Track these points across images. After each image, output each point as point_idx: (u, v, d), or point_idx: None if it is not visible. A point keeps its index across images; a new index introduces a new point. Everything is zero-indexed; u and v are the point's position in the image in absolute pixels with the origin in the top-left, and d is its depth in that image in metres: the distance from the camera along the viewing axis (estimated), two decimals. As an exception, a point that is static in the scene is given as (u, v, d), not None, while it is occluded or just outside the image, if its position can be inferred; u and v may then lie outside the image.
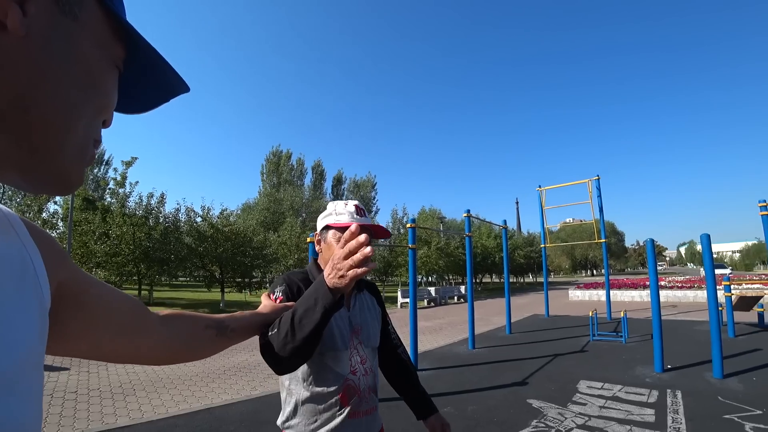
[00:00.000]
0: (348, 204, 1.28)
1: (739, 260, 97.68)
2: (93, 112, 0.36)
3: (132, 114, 0.48)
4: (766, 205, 7.70)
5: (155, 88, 0.45)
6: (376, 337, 1.35)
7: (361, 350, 1.25)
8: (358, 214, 1.26)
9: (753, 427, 3.51)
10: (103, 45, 0.36)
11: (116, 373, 5.89)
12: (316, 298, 0.92)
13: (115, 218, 12.46)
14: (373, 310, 1.38)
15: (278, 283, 1.22)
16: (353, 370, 1.20)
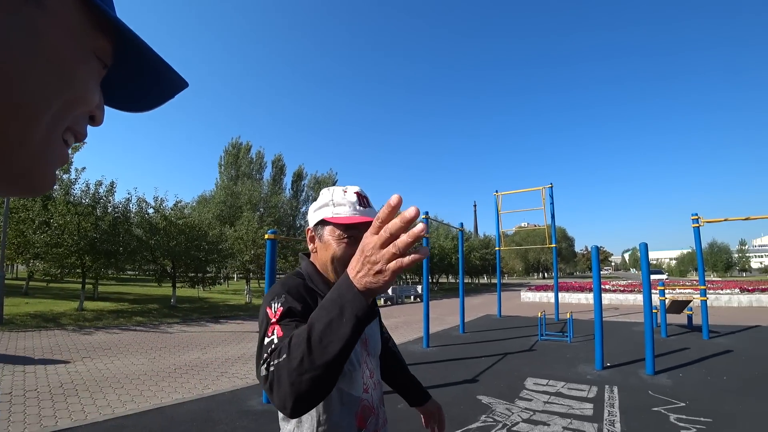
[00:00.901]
0: (348, 191, 1.05)
1: (676, 267, 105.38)
2: (62, 107, 0.33)
3: (134, 112, 0.46)
4: (697, 218, 8.44)
5: (153, 84, 0.43)
6: (379, 342, 1.19)
7: (370, 363, 1.09)
8: (362, 204, 1.04)
9: (677, 418, 3.87)
10: (78, 35, 0.33)
11: (56, 372, 5.54)
12: (342, 305, 0.65)
13: (58, 206, 11.65)
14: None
15: (275, 293, 0.94)
16: (366, 387, 1.04)
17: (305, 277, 1.04)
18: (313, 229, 1.08)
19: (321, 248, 1.05)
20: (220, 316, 12.79)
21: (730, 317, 12.31)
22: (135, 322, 10.57)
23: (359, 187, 1.08)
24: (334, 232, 1.02)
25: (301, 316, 0.87)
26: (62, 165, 0.37)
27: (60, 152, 0.35)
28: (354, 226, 1.00)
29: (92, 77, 0.36)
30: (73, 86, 0.34)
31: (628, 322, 11.48)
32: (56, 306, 12.29)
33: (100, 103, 0.39)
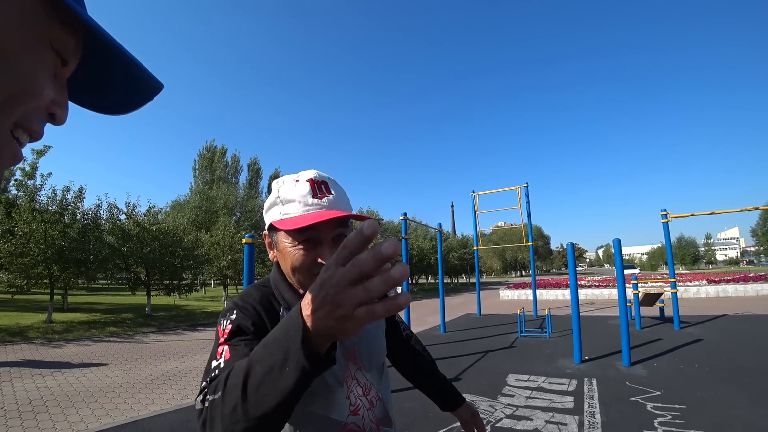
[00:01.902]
0: (299, 180, 0.83)
1: (647, 261, 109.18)
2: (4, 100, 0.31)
3: (111, 115, 0.44)
4: (666, 213, 8.76)
5: (127, 85, 0.41)
6: (381, 351, 0.98)
7: (362, 378, 0.90)
8: (317, 194, 0.82)
9: (653, 406, 4.00)
10: (26, 23, 0.31)
11: (23, 389, 5.28)
12: (287, 350, 0.51)
13: (23, 214, 11.13)
14: None
15: (228, 308, 0.82)
16: (354, 409, 0.86)
17: (271, 285, 0.89)
18: (267, 233, 0.89)
19: (280, 257, 0.86)
20: (197, 324, 12.48)
21: (699, 308, 12.83)
22: (108, 333, 10.20)
23: (315, 171, 0.86)
24: (287, 238, 0.82)
25: (254, 335, 0.75)
26: (13, 164, 0.35)
27: (9, 150, 0.33)
28: (307, 227, 0.79)
29: (42, 69, 0.33)
30: (14, 77, 0.31)
31: (603, 316, 11.80)
32: (22, 319, 11.73)
33: (60, 101, 0.36)
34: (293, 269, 0.83)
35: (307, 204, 0.80)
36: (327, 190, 0.83)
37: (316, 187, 0.82)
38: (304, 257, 0.81)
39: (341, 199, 0.84)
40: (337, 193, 0.84)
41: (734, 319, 9.83)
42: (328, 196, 0.82)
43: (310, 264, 0.81)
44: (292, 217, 0.80)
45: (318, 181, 0.83)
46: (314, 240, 0.81)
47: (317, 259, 0.80)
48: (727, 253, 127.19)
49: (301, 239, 0.81)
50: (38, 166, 12.69)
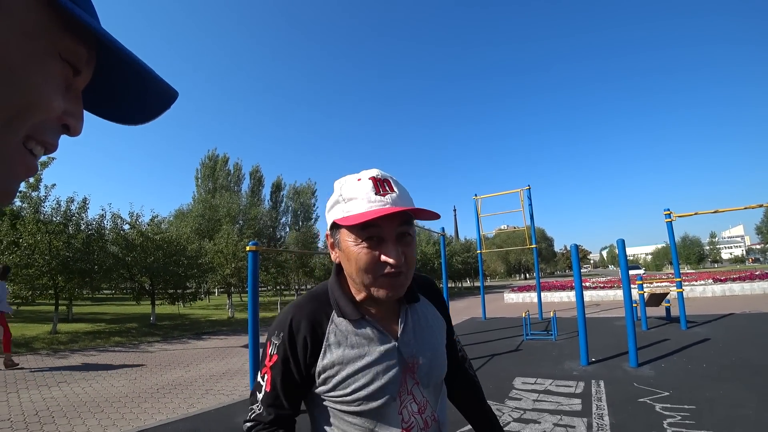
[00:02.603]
0: (362, 179, 0.82)
1: (651, 261, 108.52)
2: (10, 112, 0.30)
3: (128, 125, 0.44)
4: (669, 213, 8.73)
5: (143, 94, 0.41)
6: (442, 366, 0.93)
7: (419, 395, 0.86)
8: (379, 192, 0.80)
9: (662, 407, 3.96)
10: (34, 34, 0.30)
11: (30, 399, 5.29)
12: None
13: (27, 225, 11.19)
14: (435, 325, 0.97)
15: (278, 326, 0.87)
16: (407, 427, 0.83)
17: (329, 295, 0.90)
18: (330, 234, 0.88)
19: (342, 258, 0.85)
20: (202, 333, 12.48)
21: (706, 307, 12.73)
22: (113, 343, 10.20)
23: (377, 170, 0.84)
24: (349, 236, 0.81)
25: (294, 363, 0.84)
26: (28, 176, 0.34)
27: (22, 162, 0.33)
28: (372, 223, 0.78)
29: (50, 81, 0.32)
30: (21, 90, 0.30)
31: (609, 317, 11.73)
32: (28, 330, 11.75)
33: (74, 111, 0.36)
34: (357, 268, 0.81)
35: (369, 201, 0.79)
36: (390, 188, 0.81)
37: (379, 185, 0.81)
38: (367, 255, 0.79)
39: (404, 196, 0.82)
40: (400, 190, 0.82)
41: (741, 318, 9.75)
42: (391, 194, 0.80)
43: (373, 262, 0.79)
44: (355, 214, 0.79)
45: (380, 179, 0.82)
46: (377, 237, 0.80)
47: (381, 257, 0.79)
48: (733, 251, 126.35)
49: (364, 237, 0.80)
50: (42, 178, 12.80)
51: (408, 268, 0.81)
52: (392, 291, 0.81)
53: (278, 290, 22.88)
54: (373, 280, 0.80)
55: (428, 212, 0.81)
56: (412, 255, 0.82)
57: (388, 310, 0.90)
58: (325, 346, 0.84)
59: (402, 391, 0.84)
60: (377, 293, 0.81)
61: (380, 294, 0.81)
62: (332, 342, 0.85)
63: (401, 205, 0.80)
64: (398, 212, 0.77)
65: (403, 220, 0.81)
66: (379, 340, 0.85)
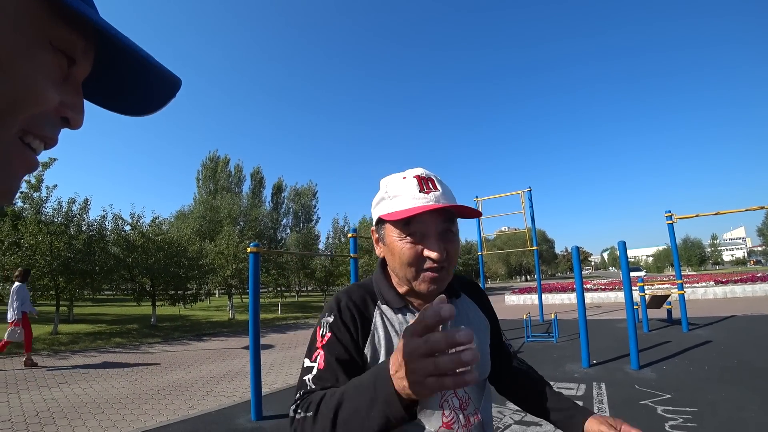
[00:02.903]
0: (406, 177, 0.85)
1: (652, 263, 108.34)
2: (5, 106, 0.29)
3: (134, 116, 0.43)
4: (671, 215, 8.71)
5: (146, 84, 0.40)
6: (485, 364, 0.93)
7: (460, 390, 0.86)
8: (424, 190, 0.82)
9: (664, 410, 3.95)
10: (19, 22, 0.29)
11: (30, 401, 5.29)
12: (374, 397, 0.61)
13: (29, 226, 11.21)
14: (478, 322, 0.96)
15: (329, 308, 0.88)
16: (448, 422, 0.82)
17: (373, 286, 0.93)
18: (375, 229, 0.91)
19: (386, 252, 0.88)
20: (202, 334, 12.47)
21: (707, 309, 12.71)
22: (114, 344, 10.20)
23: (422, 169, 0.87)
24: (394, 231, 0.84)
25: (348, 342, 0.83)
26: (28, 172, 0.33)
27: (20, 158, 0.31)
28: (415, 219, 0.81)
29: (41, 72, 0.31)
30: (11, 83, 0.28)
31: (610, 319, 11.71)
32: (29, 331, 11.76)
33: (73, 103, 0.34)
34: (400, 262, 0.83)
35: (414, 198, 0.81)
36: (433, 186, 0.84)
37: (423, 183, 0.83)
38: (410, 250, 0.81)
39: (447, 195, 0.85)
40: (443, 189, 0.85)
41: (743, 320, 9.74)
42: (435, 192, 0.82)
43: (416, 257, 0.81)
44: (399, 210, 0.81)
45: (424, 177, 0.84)
46: (420, 233, 0.82)
47: (423, 252, 0.81)
48: (734, 253, 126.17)
49: (408, 232, 0.82)
50: (44, 179, 12.82)
51: (450, 264, 0.83)
52: (433, 285, 0.82)
53: (279, 292, 22.86)
54: (416, 274, 0.82)
55: (470, 209, 0.84)
56: (455, 251, 0.84)
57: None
58: (373, 328, 0.86)
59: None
60: (419, 287, 0.83)
61: (422, 288, 0.83)
62: (379, 325, 0.87)
63: (444, 202, 0.82)
64: (441, 209, 0.80)
65: (446, 217, 0.83)
66: None
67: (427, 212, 0.79)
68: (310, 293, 40.44)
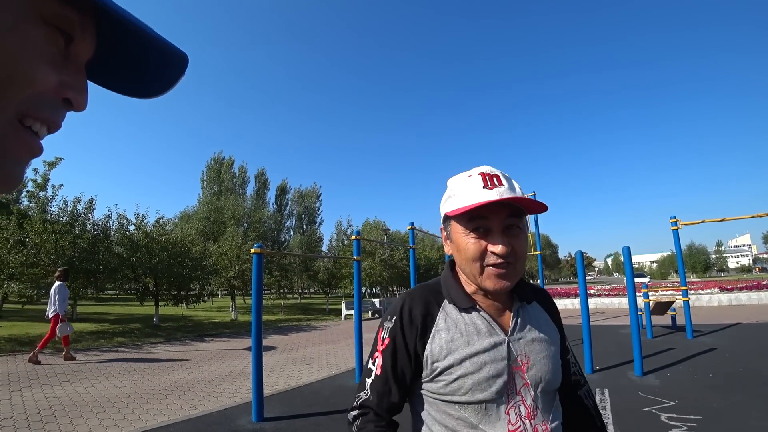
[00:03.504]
0: (472, 174, 0.85)
1: (657, 269, 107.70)
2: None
3: (143, 98, 0.40)
4: (676, 221, 8.66)
5: (153, 63, 0.37)
6: (555, 373, 0.87)
7: (528, 396, 0.82)
8: (488, 185, 0.82)
9: (668, 417, 3.91)
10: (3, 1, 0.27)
11: (33, 399, 5.30)
12: None
13: (34, 225, 11.29)
14: (548, 331, 0.92)
15: (393, 311, 0.90)
16: (513, 430, 0.79)
17: (441, 286, 0.92)
18: (443, 227, 0.92)
19: (453, 249, 0.88)
20: (205, 334, 12.48)
21: (712, 316, 12.60)
22: (116, 343, 10.22)
23: (488, 167, 0.87)
24: (459, 228, 0.85)
25: (404, 350, 0.86)
26: (31, 157, 0.31)
27: (20, 142, 0.30)
28: (478, 214, 0.81)
29: (33, 50, 0.29)
30: (7, 59, 0.27)
31: (614, 325, 11.64)
32: (32, 329, 11.81)
33: (74, 83, 0.32)
34: (465, 258, 0.84)
35: (477, 193, 0.81)
36: (498, 182, 0.83)
37: (488, 179, 0.83)
38: (474, 245, 0.82)
39: (513, 190, 0.84)
40: (509, 184, 0.84)
41: (748, 328, 9.65)
42: (499, 187, 0.82)
43: (480, 252, 0.81)
44: (463, 206, 0.81)
45: (489, 174, 0.84)
46: (484, 228, 0.82)
47: (487, 247, 0.81)
48: (739, 260, 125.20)
49: (472, 227, 0.82)
50: (50, 178, 12.92)
51: (516, 260, 0.82)
52: (499, 281, 0.81)
53: (282, 293, 22.89)
54: (480, 270, 0.82)
55: (535, 203, 0.83)
56: (521, 247, 0.83)
57: (500, 305, 0.89)
58: (435, 330, 0.86)
59: (510, 389, 0.81)
60: (484, 283, 0.82)
61: (487, 284, 0.82)
62: (441, 327, 0.86)
63: (508, 196, 0.81)
64: (506, 204, 0.80)
65: (511, 213, 0.82)
66: (489, 332, 0.85)
67: (490, 206, 0.79)
68: (313, 295, 40.44)
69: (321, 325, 15.64)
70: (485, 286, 0.82)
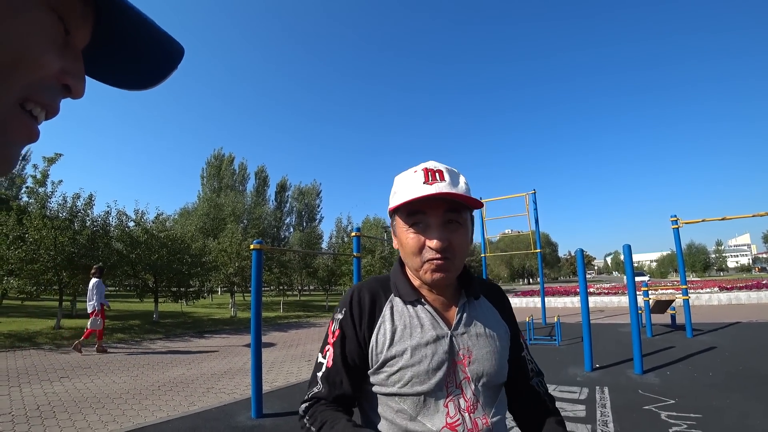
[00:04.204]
0: (417, 170, 0.85)
1: (656, 268, 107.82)
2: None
3: (133, 90, 0.40)
4: (676, 219, 8.65)
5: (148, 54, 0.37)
6: (499, 369, 0.87)
7: (468, 390, 0.82)
8: (428, 181, 0.82)
9: (667, 415, 3.91)
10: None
11: (32, 394, 5.29)
12: None
13: (34, 220, 11.26)
14: (495, 326, 0.92)
15: (343, 303, 0.91)
16: (452, 423, 0.79)
17: (390, 280, 0.94)
18: (391, 223, 0.94)
19: (398, 243, 0.90)
20: (204, 331, 12.49)
21: (712, 315, 12.60)
22: (116, 339, 10.23)
23: (433, 162, 0.87)
24: (401, 223, 0.87)
25: (353, 340, 0.86)
26: (29, 141, 0.31)
27: (21, 125, 0.30)
28: (417, 209, 0.83)
29: (37, 34, 0.29)
30: (6, 44, 0.27)
31: (614, 323, 11.64)
32: (31, 325, 11.81)
33: (74, 70, 0.32)
34: (406, 252, 0.87)
35: (418, 188, 0.82)
36: (440, 177, 0.83)
37: (429, 175, 0.83)
38: (413, 239, 0.84)
39: (454, 185, 0.83)
40: (452, 180, 0.84)
41: (748, 327, 9.64)
42: (440, 182, 0.82)
43: (419, 246, 0.83)
44: (408, 199, 0.82)
45: (433, 169, 0.84)
46: (424, 223, 0.84)
47: (425, 241, 0.83)
48: (739, 260, 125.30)
49: (411, 222, 0.84)
50: (49, 174, 12.88)
51: (454, 255, 0.83)
52: (437, 275, 0.83)
53: (281, 290, 22.90)
54: (420, 263, 0.84)
55: (471, 199, 0.83)
56: (460, 242, 0.84)
57: (446, 300, 0.91)
58: (381, 321, 0.87)
59: (450, 382, 0.82)
60: (423, 276, 0.85)
61: (426, 277, 0.84)
62: (387, 318, 0.87)
63: (443, 191, 0.81)
64: (445, 200, 0.81)
65: (450, 208, 0.83)
66: (432, 325, 0.86)
67: (429, 202, 0.81)
68: (312, 293, 40.44)
69: (320, 322, 15.64)
70: (425, 279, 0.85)
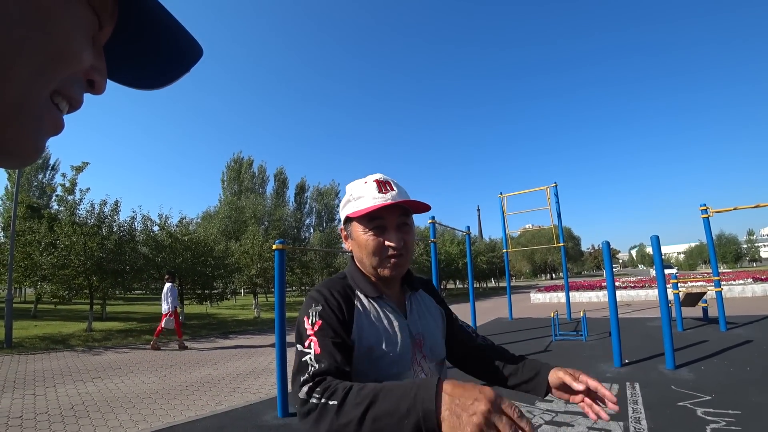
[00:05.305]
0: (367, 181, 1.00)
1: (684, 261, 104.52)
2: (40, 60, 0.27)
3: (146, 90, 0.39)
4: (706, 208, 8.33)
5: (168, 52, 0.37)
6: (441, 345, 1.08)
7: (426, 367, 1.00)
8: (381, 190, 0.97)
9: (704, 412, 3.76)
10: None
11: (66, 395, 5.48)
12: (411, 407, 0.65)
13: (64, 227, 11.67)
14: (434, 312, 1.12)
15: (313, 299, 0.95)
16: None
17: (348, 276, 1.04)
18: (343, 228, 1.06)
19: (354, 247, 1.02)
20: (229, 332, 12.71)
21: (745, 307, 12.12)
22: (144, 341, 10.50)
23: (380, 174, 1.03)
24: (359, 227, 0.98)
25: (338, 327, 0.90)
26: (54, 133, 0.32)
27: (49, 117, 0.30)
28: (377, 215, 0.96)
29: (79, 29, 0.29)
30: (51, 35, 0.27)
31: (642, 317, 11.31)
32: (65, 327, 12.26)
33: (99, 66, 0.32)
34: (366, 253, 0.97)
35: (374, 198, 0.96)
36: (390, 187, 0.99)
37: (381, 185, 0.98)
38: (374, 241, 0.96)
39: (402, 194, 1.00)
40: (399, 189, 1.00)
41: (787, 319, 9.22)
42: (392, 192, 0.98)
43: (379, 246, 0.96)
44: (363, 208, 0.96)
45: (382, 180, 1.00)
46: (382, 227, 0.97)
47: (385, 242, 0.96)
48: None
49: (371, 226, 0.97)
50: (77, 182, 13.31)
51: (407, 252, 0.99)
52: (395, 270, 0.98)
53: (303, 290, 23.10)
54: (380, 261, 0.97)
55: (421, 204, 0.98)
56: (411, 240, 1.00)
57: (396, 294, 1.05)
58: (356, 315, 0.96)
59: (414, 362, 0.98)
60: (383, 272, 0.98)
61: (385, 273, 0.98)
62: (360, 313, 0.97)
63: (399, 200, 0.97)
64: (398, 205, 0.96)
65: (402, 212, 0.99)
66: (395, 317, 1.00)
67: (385, 208, 0.95)
68: (333, 292, 40.70)
69: (342, 321, 15.70)
70: (383, 275, 0.98)
